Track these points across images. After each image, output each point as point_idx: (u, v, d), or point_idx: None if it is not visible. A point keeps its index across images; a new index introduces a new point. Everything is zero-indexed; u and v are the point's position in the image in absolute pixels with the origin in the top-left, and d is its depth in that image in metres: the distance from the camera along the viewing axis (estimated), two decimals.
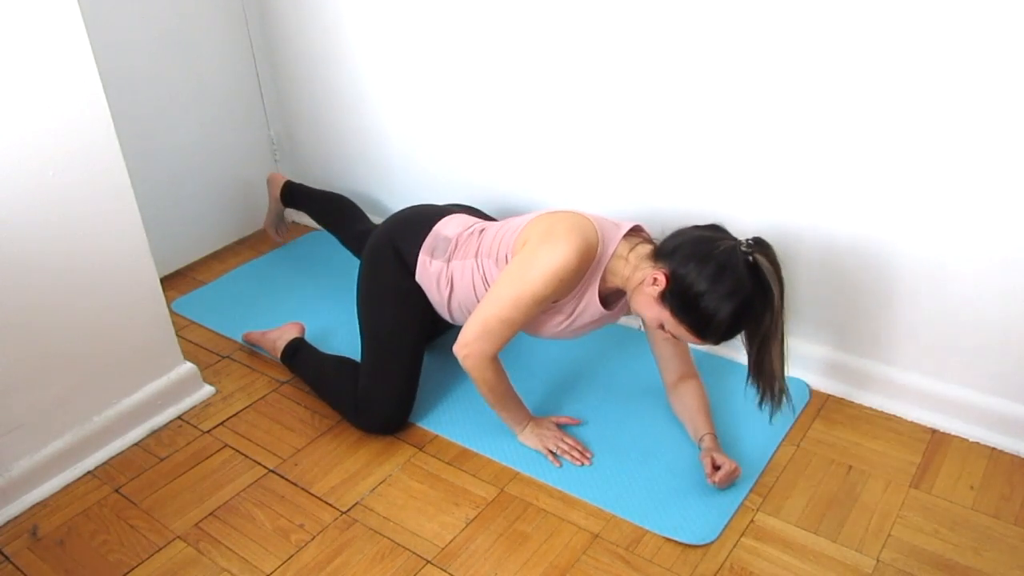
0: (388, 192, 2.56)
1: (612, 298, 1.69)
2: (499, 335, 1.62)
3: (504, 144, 2.21)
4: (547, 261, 1.56)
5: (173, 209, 2.47)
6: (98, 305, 1.74)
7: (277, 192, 2.49)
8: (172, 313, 2.12)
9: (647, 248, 1.60)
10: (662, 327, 1.57)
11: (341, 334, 2.17)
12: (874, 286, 1.78)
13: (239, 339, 2.19)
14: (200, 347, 2.18)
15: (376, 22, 2.28)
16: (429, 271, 1.80)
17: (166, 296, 1.91)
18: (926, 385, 1.80)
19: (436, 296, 1.81)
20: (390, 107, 2.41)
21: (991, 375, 1.72)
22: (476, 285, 1.72)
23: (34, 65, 1.51)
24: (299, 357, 2.00)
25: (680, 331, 1.54)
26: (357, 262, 1.96)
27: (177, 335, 1.96)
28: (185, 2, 2.35)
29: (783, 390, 1.56)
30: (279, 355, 2.04)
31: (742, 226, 1.66)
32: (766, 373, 1.54)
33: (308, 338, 2.07)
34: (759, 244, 1.49)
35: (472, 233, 1.79)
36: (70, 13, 1.54)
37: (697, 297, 1.47)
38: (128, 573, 1.55)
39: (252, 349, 2.16)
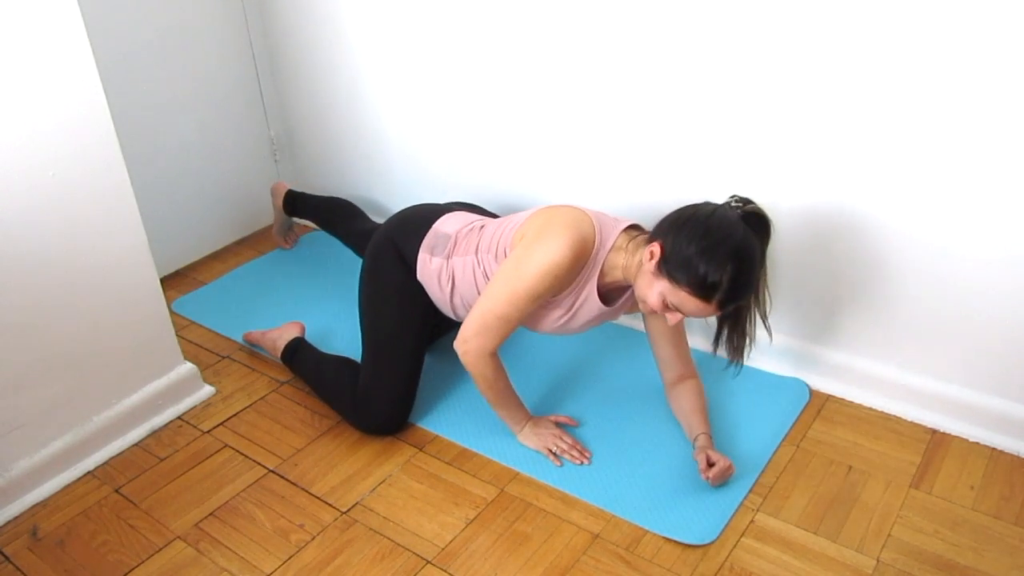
0: (388, 192, 2.56)
1: (613, 294, 1.69)
2: (497, 331, 1.62)
3: (503, 143, 2.21)
4: (542, 257, 1.56)
5: (173, 209, 2.47)
6: (98, 305, 1.74)
7: (280, 202, 2.49)
8: (172, 313, 2.12)
9: (645, 237, 1.60)
10: (667, 307, 1.51)
11: (341, 334, 2.17)
12: (875, 286, 1.78)
13: (239, 339, 2.19)
14: (200, 347, 2.18)
15: (376, 22, 2.28)
16: (429, 268, 1.80)
17: (166, 296, 1.91)
18: (926, 385, 1.80)
19: (438, 294, 1.81)
20: (390, 107, 2.41)
21: (991, 375, 1.72)
22: (478, 281, 1.73)
23: (34, 65, 1.51)
24: (299, 357, 2.00)
25: (683, 299, 1.48)
26: (358, 261, 1.96)
27: (177, 335, 1.96)
28: (185, 2, 2.35)
29: (750, 343, 1.64)
30: (279, 355, 2.04)
31: None
32: (740, 328, 1.60)
33: (308, 338, 2.07)
34: (744, 200, 1.51)
35: (472, 229, 1.79)
36: (70, 13, 1.54)
37: (692, 254, 1.45)
38: (128, 573, 1.55)
39: (252, 349, 2.16)
